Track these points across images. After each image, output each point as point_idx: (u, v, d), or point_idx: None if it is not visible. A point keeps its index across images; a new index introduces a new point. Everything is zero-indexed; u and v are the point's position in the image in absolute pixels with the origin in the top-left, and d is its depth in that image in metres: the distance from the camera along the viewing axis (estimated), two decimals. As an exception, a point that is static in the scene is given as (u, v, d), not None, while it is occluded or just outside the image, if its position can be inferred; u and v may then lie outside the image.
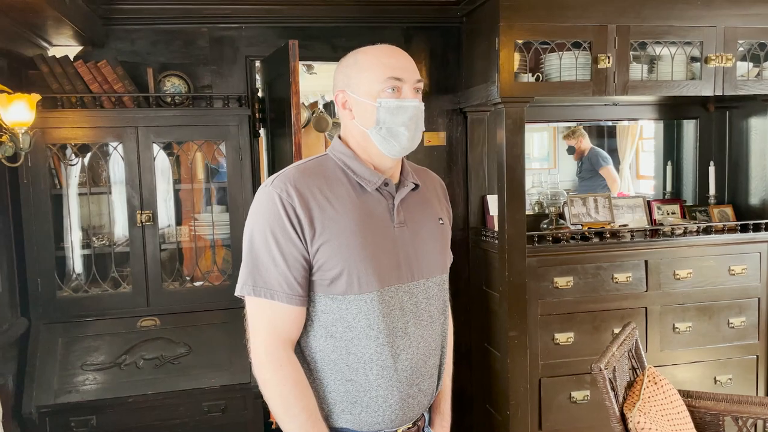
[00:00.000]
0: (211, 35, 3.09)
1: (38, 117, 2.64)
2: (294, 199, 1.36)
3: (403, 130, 1.42)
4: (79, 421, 2.64)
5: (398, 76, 1.41)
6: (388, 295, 1.41)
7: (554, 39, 2.92)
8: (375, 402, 1.42)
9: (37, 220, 2.71)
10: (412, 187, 1.52)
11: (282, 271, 1.36)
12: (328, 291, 1.39)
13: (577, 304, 3.14)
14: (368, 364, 1.40)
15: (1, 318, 2.54)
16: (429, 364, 1.50)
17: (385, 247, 1.42)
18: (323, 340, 1.42)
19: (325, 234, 1.37)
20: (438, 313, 1.54)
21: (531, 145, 4.32)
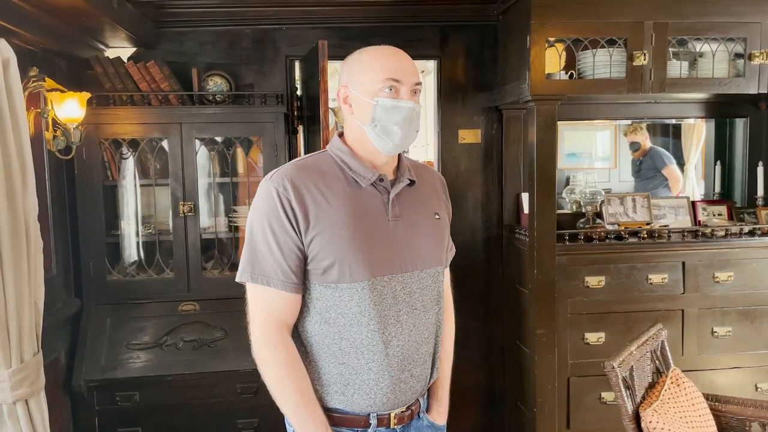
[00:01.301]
0: (254, 36, 3.24)
1: (92, 114, 2.88)
2: (290, 193, 1.46)
3: (396, 129, 1.50)
4: (124, 396, 2.85)
5: (396, 77, 1.49)
6: (380, 284, 1.49)
7: (587, 36, 2.91)
8: (367, 385, 1.51)
9: (90, 209, 2.93)
10: (407, 183, 1.59)
11: (277, 259, 1.46)
12: (321, 280, 1.49)
13: (608, 304, 3.11)
14: (360, 349, 1.49)
15: (55, 298, 2.77)
16: (421, 351, 1.58)
17: (378, 240, 1.50)
18: (318, 326, 1.51)
19: (318, 226, 1.46)
20: (432, 304, 1.60)
21: (594, 145, 4.29)
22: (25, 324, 2.04)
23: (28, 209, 2.09)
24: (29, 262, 2.08)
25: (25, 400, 2.04)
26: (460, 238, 3.46)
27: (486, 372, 3.57)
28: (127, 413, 2.86)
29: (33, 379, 2.06)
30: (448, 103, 3.41)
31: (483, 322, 3.54)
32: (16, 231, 2.02)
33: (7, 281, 1.96)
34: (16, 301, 2.00)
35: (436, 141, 3.45)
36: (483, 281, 3.52)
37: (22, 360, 2.03)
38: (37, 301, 2.13)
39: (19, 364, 2.01)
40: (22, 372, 2.01)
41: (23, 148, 2.09)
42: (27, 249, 2.08)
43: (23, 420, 2.02)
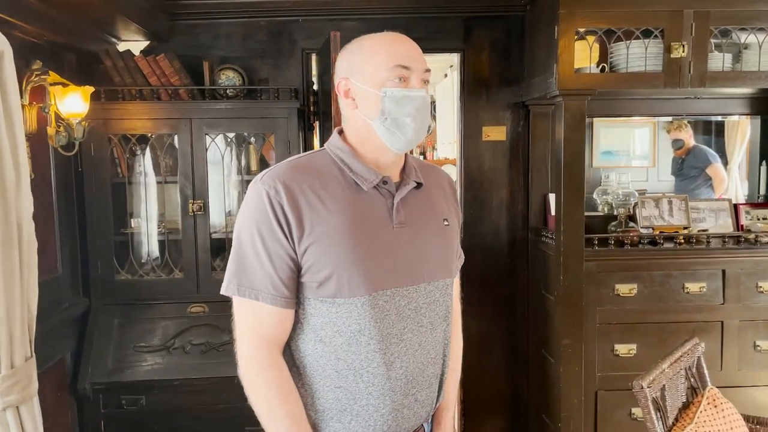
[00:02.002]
0: (270, 29, 3.13)
1: (101, 109, 2.80)
2: (282, 197, 1.30)
3: (409, 121, 1.34)
4: (130, 399, 2.77)
5: (406, 64, 1.33)
6: (383, 299, 1.33)
7: (620, 26, 2.71)
8: (366, 411, 1.35)
9: (98, 206, 2.86)
10: (413, 185, 1.43)
11: (267, 271, 1.31)
12: (317, 294, 1.33)
13: (641, 314, 2.91)
14: (358, 371, 1.34)
15: (61, 298, 2.71)
16: (427, 373, 1.42)
17: (381, 249, 1.35)
18: (312, 345, 1.36)
19: (314, 234, 1.31)
20: (440, 320, 1.45)
21: (632, 142, 4.08)
22: (16, 328, 1.95)
23: (21, 209, 2.00)
24: (22, 264, 2.00)
25: (16, 407, 1.95)
26: (483, 240, 3.31)
27: (509, 381, 3.40)
28: (134, 418, 2.79)
29: (24, 385, 1.98)
30: (471, 98, 3.24)
31: (507, 328, 3.37)
32: (7, 232, 1.94)
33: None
34: (6, 304, 1.91)
35: (459, 138, 3.29)
36: (507, 286, 3.34)
37: (12, 365, 1.94)
38: (30, 304, 2.05)
39: (9, 369, 1.93)
40: (12, 378, 1.93)
41: (17, 145, 2.01)
42: (19, 250, 1.99)
43: (14, 428, 1.93)
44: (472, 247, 3.31)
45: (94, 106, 2.78)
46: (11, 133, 1.99)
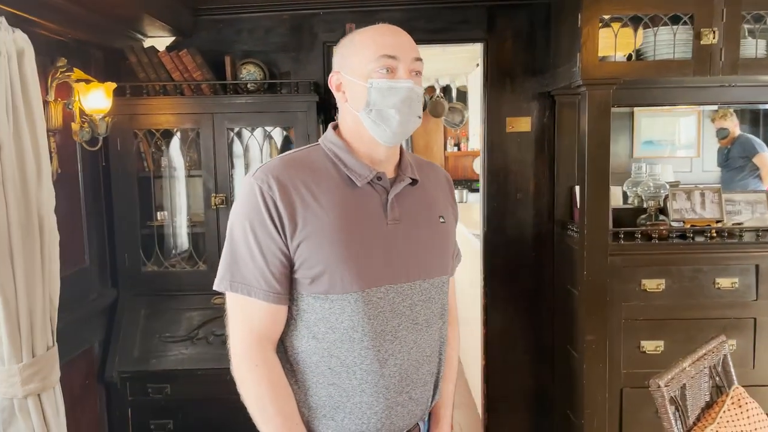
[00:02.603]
0: (291, 22, 3.13)
1: (126, 104, 2.87)
2: (275, 192, 1.30)
3: (393, 112, 1.33)
4: (155, 388, 2.84)
5: (392, 53, 1.32)
6: (377, 296, 1.32)
7: (647, 13, 2.61)
8: (359, 408, 1.35)
9: (124, 200, 2.93)
10: (408, 182, 1.42)
11: (259, 266, 1.31)
12: (310, 290, 1.33)
13: (669, 310, 2.82)
14: (351, 369, 1.33)
15: (89, 289, 2.79)
16: (422, 371, 1.41)
17: (374, 245, 1.34)
18: (305, 341, 1.36)
19: (306, 230, 1.30)
20: (436, 318, 1.43)
21: (675, 132, 3.97)
22: (37, 318, 2.02)
23: (42, 202, 2.07)
24: (43, 256, 2.07)
25: (37, 395, 2.03)
26: (507, 233, 3.26)
27: (534, 376, 3.35)
28: (159, 406, 2.86)
29: (45, 374, 2.05)
30: (495, 88, 3.18)
31: (532, 323, 3.31)
32: (29, 224, 2.01)
33: (18, 275, 1.95)
34: (27, 295, 1.98)
35: (482, 129, 3.24)
36: (532, 280, 3.29)
37: (33, 354, 2.02)
38: (52, 295, 2.12)
39: (31, 358, 2.00)
40: (33, 366, 2.00)
41: (38, 140, 2.07)
42: (41, 242, 2.06)
43: (35, 415, 2.01)
44: (496, 240, 3.27)
45: (120, 102, 2.85)
46: (32, 129, 2.06)
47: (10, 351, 1.93)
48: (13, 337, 1.93)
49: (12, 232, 1.93)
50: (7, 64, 1.96)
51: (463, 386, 4.32)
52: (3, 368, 1.94)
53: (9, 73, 1.97)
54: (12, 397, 1.97)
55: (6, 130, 1.93)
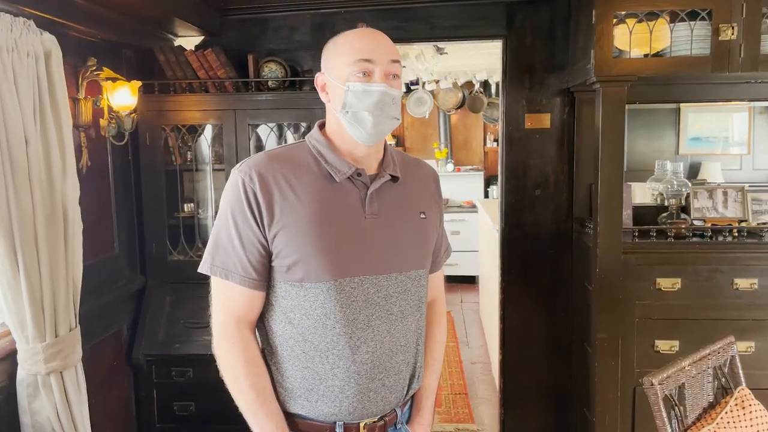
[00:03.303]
0: (313, 21, 3.22)
1: (155, 101, 3.02)
2: (255, 184, 1.38)
3: (366, 115, 1.38)
4: (179, 371, 2.99)
5: (367, 57, 1.38)
6: (350, 285, 1.39)
7: (663, 8, 2.58)
8: (331, 392, 1.42)
9: (152, 192, 3.09)
10: (387, 178, 1.48)
11: (238, 252, 1.40)
12: (286, 277, 1.41)
13: (684, 310, 2.78)
14: (324, 354, 1.40)
15: (118, 275, 2.96)
16: (396, 360, 1.46)
17: (350, 238, 1.41)
18: (282, 326, 1.44)
19: (282, 220, 1.38)
20: (412, 309, 1.49)
21: (728, 128, 3.87)
22: (60, 301, 2.18)
23: (66, 193, 2.22)
24: (66, 244, 2.22)
25: (59, 373, 2.18)
26: (525, 229, 3.27)
27: (552, 373, 3.35)
28: (182, 388, 3.01)
29: (68, 353, 2.21)
30: (514, 85, 3.19)
31: (549, 320, 3.32)
32: (53, 214, 2.16)
33: (42, 261, 2.10)
34: (51, 280, 2.14)
35: (501, 126, 3.25)
36: (550, 277, 3.29)
37: (56, 335, 2.17)
38: (75, 279, 2.27)
39: (54, 338, 2.16)
40: (56, 346, 2.16)
41: (64, 136, 2.22)
42: (65, 231, 2.21)
43: (57, 391, 2.16)
44: (513, 236, 3.29)
45: (149, 99, 3.00)
46: (58, 126, 2.21)
47: (35, 331, 2.09)
48: (37, 318, 2.09)
49: (37, 222, 2.09)
50: (34, 65, 2.11)
51: (490, 382, 4.35)
52: (27, 347, 2.10)
53: (36, 73, 2.12)
54: (36, 373, 2.13)
55: (33, 127, 2.08)
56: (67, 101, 2.25)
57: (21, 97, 2.04)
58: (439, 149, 7.47)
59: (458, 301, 6.44)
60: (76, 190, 2.27)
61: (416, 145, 7.73)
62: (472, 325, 5.65)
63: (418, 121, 7.35)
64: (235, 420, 1.47)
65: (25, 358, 2.11)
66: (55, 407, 2.18)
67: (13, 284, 2.02)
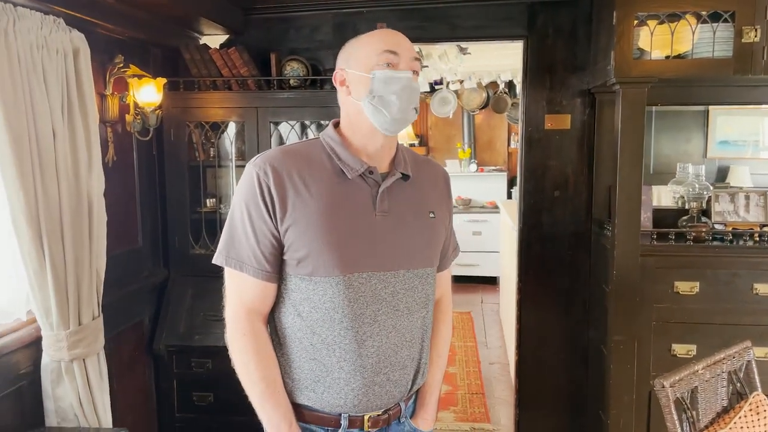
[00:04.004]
0: (335, 21, 3.26)
1: (180, 98, 3.09)
2: (270, 178, 1.42)
3: (394, 98, 1.42)
4: (198, 362, 3.06)
5: (394, 49, 1.43)
6: (358, 281, 1.43)
7: (685, 10, 2.56)
8: (337, 384, 1.46)
9: (176, 187, 3.16)
10: (399, 176, 1.51)
11: (252, 245, 1.44)
12: (296, 271, 1.45)
13: (702, 314, 2.77)
14: (331, 346, 1.44)
15: (141, 267, 3.04)
16: (401, 355, 1.50)
17: (360, 234, 1.44)
18: (291, 318, 1.48)
19: (294, 215, 1.42)
20: (418, 306, 1.52)
21: (760, 132, 3.82)
22: (84, 290, 2.25)
23: (92, 186, 2.29)
24: (91, 235, 2.29)
25: (82, 360, 2.26)
26: (543, 230, 3.27)
27: (568, 374, 3.34)
28: (201, 378, 3.07)
29: (90, 341, 2.28)
30: (534, 86, 3.19)
31: (567, 321, 3.31)
32: (79, 206, 2.23)
33: (68, 251, 2.18)
34: (75, 270, 2.21)
35: (521, 127, 3.26)
36: (568, 278, 3.28)
37: (80, 323, 2.24)
38: (98, 270, 2.34)
39: (77, 326, 2.23)
40: (79, 333, 2.23)
41: (90, 130, 2.29)
42: (89, 223, 2.28)
43: (79, 377, 2.24)
44: (532, 237, 3.29)
45: (174, 96, 3.08)
46: (85, 121, 2.28)
47: (59, 318, 2.17)
48: (61, 306, 2.16)
49: (63, 213, 2.16)
50: (63, 62, 2.18)
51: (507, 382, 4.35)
52: (52, 333, 2.17)
53: (65, 70, 2.19)
54: (59, 360, 2.20)
55: (61, 122, 2.16)
56: (94, 97, 2.32)
57: (50, 92, 2.11)
58: (463, 149, 7.47)
59: (479, 302, 6.43)
60: (101, 184, 2.34)
61: (439, 144, 7.74)
62: (492, 326, 5.65)
63: (442, 121, 7.35)
64: (253, 411, 1.51)
65: (50, 344, 2.19)
66: (77, 393, 2.25)
67: (40, 273, 2.10)
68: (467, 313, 5.96)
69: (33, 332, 2.23)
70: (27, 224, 2.03)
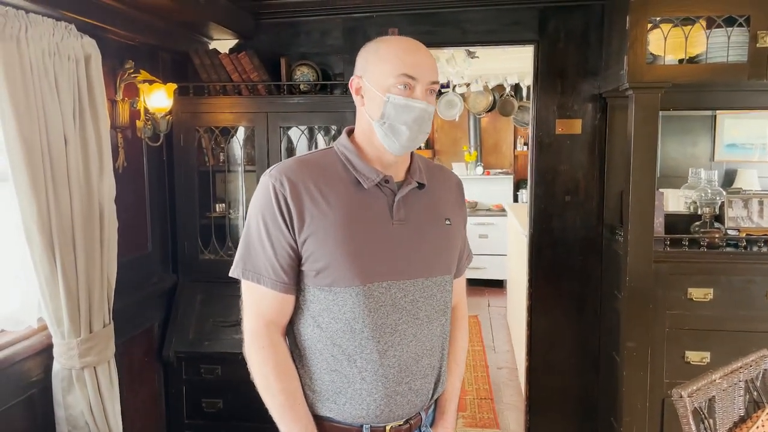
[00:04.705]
0: (345, 25, 3.25)
1: (190, 103, 3.08)
2: (286, 190, 1.40)
3: (404, 129, 1.41)
4: (207, 368, 3.04)
5: (412, 74, 1.39)
6: (378, 290, 1.41)
7: (699, 14, 2.54)
8: (359, 395, 1.44)
9: (185, 192, 3.15)
10: (415, 185, 1.50)
11: (269, 257, 1.41)
12: (315, 282, 1.42)
13: (716, 321, 2.74)
14: (352, 357, 1.42)
15: (151, 273, 3.03)
16: (422, 363, 1.48)
17: (378, 244, 1.43)
18: (310, 329, 1.46)
19: (312, 226, 1.40)
20: (437, 314, 1.51)
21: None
22: (95, 298, 2.24)
23: (103, 192, 2.28)
24: (102, 242, 2.28)
25: (93, 367, 2.24)
26: (554, 235, 3.25)
27: (579, 380, 3.32)
28: (211, 385, 3.06)
29: (101, 349, 2.27)
30: (545, 90, 3.18)
31: (578, 327, 3.29)
32: (90, 213, 2.22)
33: (79, 259, 2.17)
34: (86, 277, 2.20)
35: (531, 131, 3.24)
36: (579, 284, 3.26)
37: (91, 330, 2.23)
38: (109, 277, 2.33)
39: (88, 334, 2.22)
40: (90, 341, 2.22)
41: (101, 136, 2.28)
42: (100, 229, 2.27)
43: (90, 385, 2.22)
44: (542, 242, 3.27)
45: (184, 101, 3.06)
46: (96, 126, 2.27)
47: (70, 326, 2.15)
48: (72, 314, 2.15)
49: (75, 220, 2.15)
50: (75, 68, 2.17)
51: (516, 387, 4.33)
52: (63, 341, 2.16)
53: (77, 76, 2.18)
54: (70, 367, 2.19)
55: (72, 127, 2.15)
56: (105, 103, 2.31)
57: (61, 98, 2.10)
58: (469, 152, 7.45)
59: (485, 305, 6.40)
60: (112, 190, 2.33)
61: (446, 147, 7.71)
62: (499, 330, 5.62)
63: (448, 124, 7.33)
64: (262, 419, 1.49)
65: (61, 352, 2.17)
66: (88, 401, 2.24)
67: (51, 280, 2.09)
68: (474, 317, 5.94)
69: (44, 340, 2.22)
70: (39, 231, 2.02)
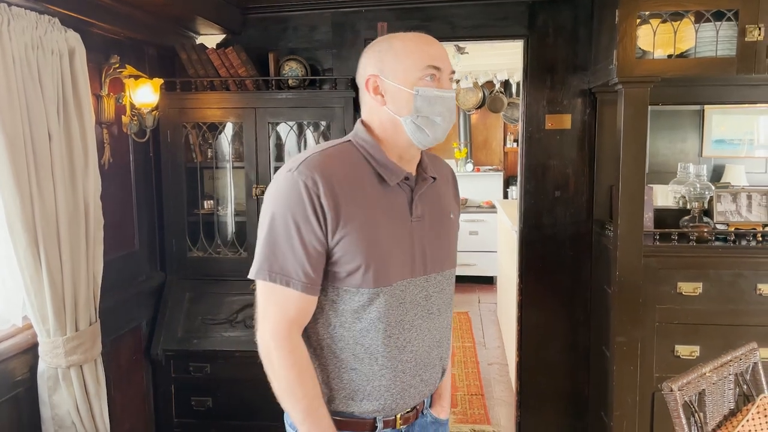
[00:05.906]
0: (333, 20, 3.22)
1: (177, 98, 3.04)
2: (320, 188, 1.33)
3: (439, 120, 1.41)
4: (196, 366, 3.02)
5: (437, 65, 1.39)
6: (400, 288, 1.41)
7: (688, 9, 2.54)
8: (378, 391, 1.44)
9: (173, 189, 3.11)
10: (431, 181, 1.50)
11: (300, 259, 1.34)
12: (342, 283, 1.39)
13: (705, 315, 2.75)
14: (374, 356, 1.41)
15: (138, 271, 2.99)
16: (432, 355, 1.52)
17: (401, 241, 1.42)
18: (332, 329, 1.42)
19: (348, 226, 1.35)
20: (446, 307, 1.55)
21: (755, 131, 3.79)
22: (81, 296, 2.21)
23: (88, 189, 2.25)
24: (88, 239, 2.25)
25: (80, 366, 2.21)
26: (544, 231, 3.25)
27: (569, 375, 3.32)
28: (200, 383, 3.03)
29: (88, 347, 2.24)
30: (535, 85, 3.17)
31: (568, 322, 3.29)
32: (75, 210, 2.19)
33: (64, 256, 2.14)
34: (72, 275, 2.17)
35: (521, 127, 3.23)
36: (569, 279, 3.26)
37: (77, 329, 2.20)
38: (95, 275, 2.30)
39: (74, 332, 2.18)
40: (76, 340, 2.19)
41: (86, 131, 2.25)
42: (86, 227, 2.24)
43: (76, 384, 2.19)
44: (532, 238, 3.26)
45: (170, 96, 3.03)
46: (81, 122, 2.24)
47: (56, 324, 2.12)
48: (58, 312, 2.12)
49: (60, 217, 2.12)
50: (59, 62, 2.14)
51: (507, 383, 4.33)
52: (49, 340, 2.13)
53: (60, 70, 2.15)
54: (56, 366, 2.16)
55: (56, 123, 2.11)
56: (90, 98, 2.28)
57: (45, 93, 2.07)
58: (459, 149, 7.44)
59: (476, 302, 6.41)
60: (97, 186, 2.30)
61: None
62: (489, 326, 5.62)
63: (438, 121, 7.31)
64: (251, 416, 1.48)
65: (46, 351, 2.14)
66: (74, 400, 2.21)
67: (36, 278, 2.05)
68: (465, 313, 5.94)
69: (29, 338, 2.18)
70: (23, 228, 1.98)
